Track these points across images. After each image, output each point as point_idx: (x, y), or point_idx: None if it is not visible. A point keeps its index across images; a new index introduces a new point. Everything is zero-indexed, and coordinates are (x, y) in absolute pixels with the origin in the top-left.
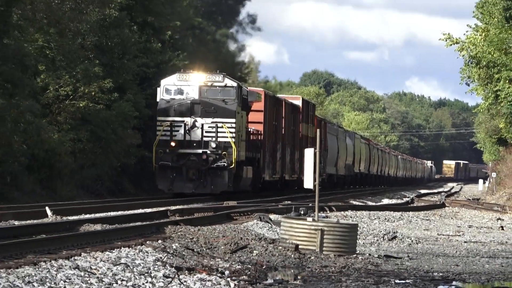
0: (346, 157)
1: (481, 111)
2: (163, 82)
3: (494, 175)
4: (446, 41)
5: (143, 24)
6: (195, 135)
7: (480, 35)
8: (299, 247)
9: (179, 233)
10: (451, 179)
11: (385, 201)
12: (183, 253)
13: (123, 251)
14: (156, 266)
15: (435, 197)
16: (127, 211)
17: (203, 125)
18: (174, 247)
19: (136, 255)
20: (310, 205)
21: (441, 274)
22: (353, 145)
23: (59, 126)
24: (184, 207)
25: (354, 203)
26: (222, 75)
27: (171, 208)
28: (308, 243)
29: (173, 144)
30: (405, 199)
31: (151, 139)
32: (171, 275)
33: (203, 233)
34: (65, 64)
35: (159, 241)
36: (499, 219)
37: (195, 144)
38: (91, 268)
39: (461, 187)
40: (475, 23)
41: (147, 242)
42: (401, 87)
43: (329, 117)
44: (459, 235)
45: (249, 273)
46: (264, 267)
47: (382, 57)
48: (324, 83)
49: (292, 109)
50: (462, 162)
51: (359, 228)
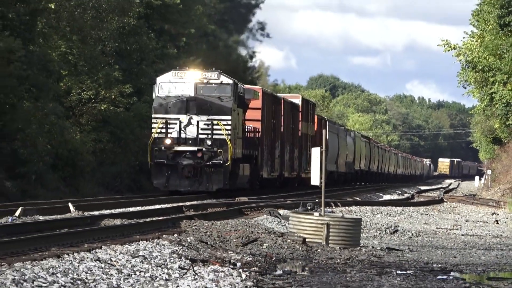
0: (346, 154)
1: (477, 112)
2: (158, 79)
3: (489, 172)
4: (444, 46)
5: (160, 31)
6: (191, 133)
7: (476, 41)
8: (307, 240)
9: (193, 227)
10: (446, 176)
11: (387, 197)
12: (198, 246)
13: (141, 244)
14: (172, 258)
15: (434, 193)
16: (145, 207)
17: (198, 122)
18: (189, 241)
19: (153, 248)
20: (316, 200)
21: (439, 265)
22: (353, 143)
23: (81, 127)
24: (198, 202)
25: (358, 199)
26: (218, 72)
27: (186, 203)
28: (315, 236)
29: (168, 141)
30: (405, 195)
31: None
32: (186, 267)
33: (216, 227)
34: (87, 69)
35: (175, 235)
36: (494, 213)
37: (190, 141)
38: (111, 260)
39: (459, 184)
40: (471, 30)
41: (164, 235)
42: (402, 90)
43: (334, 118)
44: (457, 229)
45: (260, 264)
46: (273, 259)
47: (384, 62)
48: (329, 86)
49: (291, 108)
50: (455, 160)
51: (362, 222)
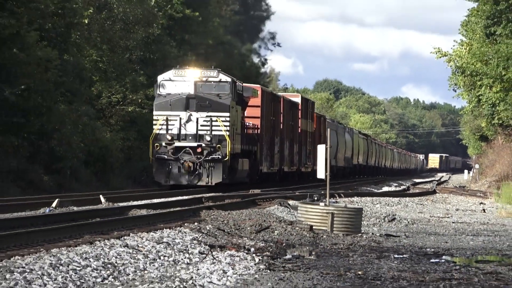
0: (345, 150)
1: (466, 112)
2: (159, 77)
3: (477, 166)
4: (436, 53)
5: (181, 41)
6: (190, 129)
7: (464, 49)
8: (313, 227)
9: (212, 217)
10: (437, 170)
11: (385, 189)
12: (216, 233)
13: (165, 232)
14: (192, 244)
15: (427, 185)
16: (168, 198)
17: (198, 119)
18: (208, 228)
19: (176, 235)
20: (322, 192)
21: (433, 249)
22: (351, 139)
23: (111, 127)
24: (216, 194)
25: (359, 190)
26: (216, 71)
27: (205, 195)
28: (320, 224)
29: (168, 137)
30: (402, 187)
31: None
32: (205, 252)
33: (232, 216)
34: (115, 75)
35: (195, 223)
36: (481, 203)
37: (190, 137)
38: (138, 246)
39: (450, 177)
40: (460, 38)
41: (185, 224)
42: (398, 93)
43: (338, 119)
44: (448, 217)
45: (271, 249)
46: (283, 245)
47: (382, 67)
48: (333, 90)
49: (291, 106)
50: (444, 155)
51: (363, 211)
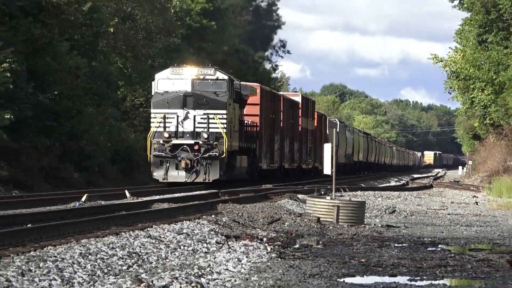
0: (345, 148)
1: (460, 113)
2: (157, 76)
3: (470, 163)
4: (432, 59)
5: (198, 48)
6: (188, 126)
7: (459, 55)
8: (320, 219)
9: (227, 209)
10: (431, 166)
11: (385, 184)
12: (231, 224)
13: (184, 223)
14: (210, 234)
15: (425, 180)
16: (188, 193)
17: (195, 116)
18: (224, 220)
19: (195, 227)
20: (328, 187)
21: (429, 239)
22: (352, 137)
23: (135, 128)
24: (231, 189)
25: (362, 185)
26: (213, 69)
27: (222, 190)
28: (327, 216)
29: (166, 135)
30: (401, 182)
31: None
32: (222, 242)
33: (246, 209)
34: (139, 80)
35: (212, 216)
36: (474, 196)
37: (187, 135)
38: (160, 236)
39: (445, 172)
40: (455, 45)
41: (203, 216)
42: (398, 95)
43: (343, 119)
44: (444, 209)
45: (282, 239)
46: (293, 235)
47: (383, 72)
48: (339, 93)
49: (291, 104)
50: (437, 152)
51: (366, 204)
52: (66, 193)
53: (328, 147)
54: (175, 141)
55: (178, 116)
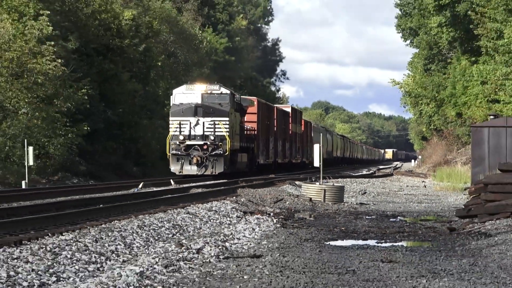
0: (326, 146)
1: (412, 121)
2: (174, 91)
3: (420, 157)
4: (392, 83)
5: (222, 76)
6: (198, 131)
7: (411, 79)
8: (312, 199)
9: (245, 193)
10: (390, 160)
11: (358, 173)
12: (247, 203)
13: (213, 203)
14: (232, 211)
15: (387, 170)
16: (215, 181)
17: (204, 123)
18: (242, 200)
19: (221, 205)
20: (317, 176)
21: (391, 213)
22: (332, 139)
23: None
24: (247, 178)
25: (342, 174)
26: (219, 85)
27: (240, 179)
28: (317, 197)
29: (181, 137)
30: (370, 171)
31: None
32: (240, 216)
33: (258, 192)
34: None
35: (234, 197)
36: (423, 181)
37: (198, 137)
38: (196, 213)
39: (402, 165)
40: (408, 72)
41: (227, 198)
42: (367, 109)
43: (327, 126)
44: (401, 191)
45: (284, 214)
46: (292, 211)
47: (355, 92)
48: (324, 108)
49: (283, 114)
50: (394, 150)
51: (345, 188)
52: (127, 182)
53: (317, 147)
54: (188, 142)
55: (190, 122)
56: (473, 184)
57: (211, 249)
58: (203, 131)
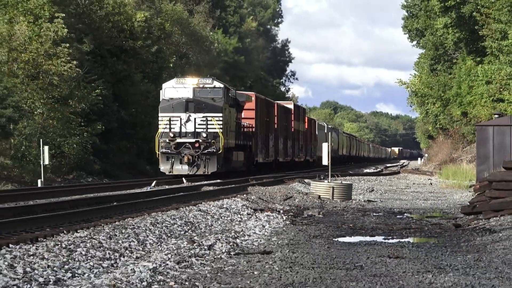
0: (332, 145)
1: (419, 120)
2: (164, 85)
3: (426, 155)
4: (399, 83)
5: (233, 76)
6: (189, 127)
7: (417, 79)
8: (321, 196)
9: (255, 190)
10: (396, 158)
11: (366, 171)
12: (257, 201)
13: (225, 201)
14: (243, 208)
15: (394, 168)
16: (226, 179)
17: (195, 119)
18: (252, 198)
19: (232, 203)
20: (326, 173)
21: (398, 209)
22: (337, 137)
23: None
24: (257, 176)
25: (350, 172)
26: (211, 78)
27: (250, 177)
28: (325, 194)
29: (171, 135)
30: (377, 169)
31: None
32: (251, 213)
33: (268, 190)
34: None
35: (244, 195)
36: (429, 179)
37: (189, 134)
38: (207, 210)
39: (408, 163)
40: (414, 73)
41: (238, 195)
42: (374, 108)
43: (336, 126)
44: (408, 188)
45: (293, 211)
46: (301, 208)
47: (363, 92)
48: (333, 107)
49: (285, 110)
50: (401, 148)
51: (353, 185)
52: (140, 180)
53: (325, 146)
54: (179, 140)
55: (181, 118)
56: (478, 181)
57: (222, 246)
58: (195, 128)
